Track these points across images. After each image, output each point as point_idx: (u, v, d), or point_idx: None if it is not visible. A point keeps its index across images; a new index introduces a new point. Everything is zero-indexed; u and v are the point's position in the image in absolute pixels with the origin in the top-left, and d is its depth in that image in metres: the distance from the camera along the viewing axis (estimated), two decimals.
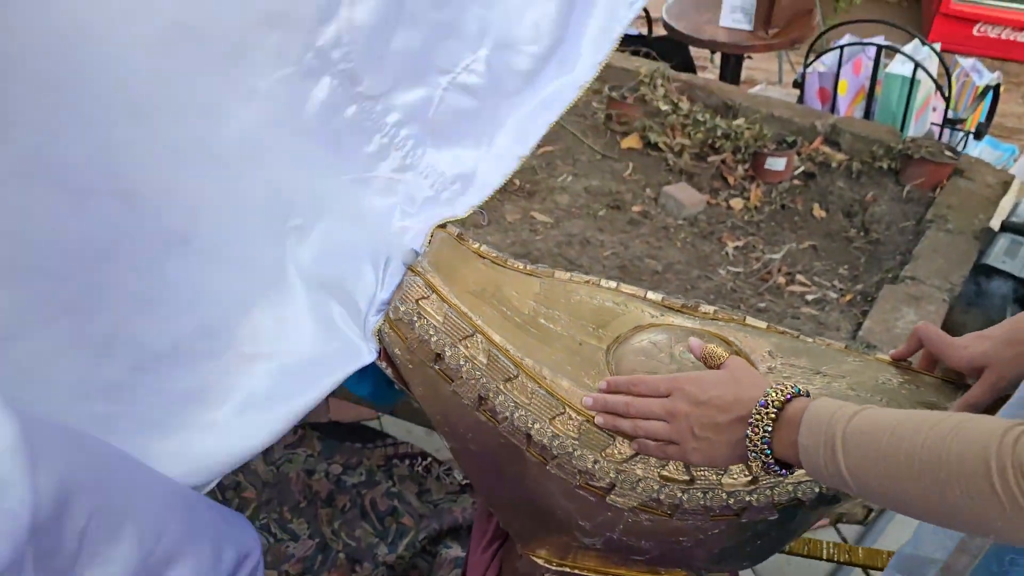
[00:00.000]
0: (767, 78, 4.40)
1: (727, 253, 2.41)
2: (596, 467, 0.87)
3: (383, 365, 0.96)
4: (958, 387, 0.96)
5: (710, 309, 1.03)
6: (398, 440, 1.94)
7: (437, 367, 0.91)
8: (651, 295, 1.04)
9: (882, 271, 2.30)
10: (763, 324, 1.02)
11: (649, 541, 0.91)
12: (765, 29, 3.03)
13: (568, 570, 1.02)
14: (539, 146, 2.72)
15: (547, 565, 1.02)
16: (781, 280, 2.33)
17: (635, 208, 2.55)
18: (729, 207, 2.61)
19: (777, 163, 2.65)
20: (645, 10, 3.83)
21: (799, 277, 2.33)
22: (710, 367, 0.88)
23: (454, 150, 1.00)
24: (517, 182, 2.58)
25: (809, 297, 2.26)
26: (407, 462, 1.87)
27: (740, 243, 2.46)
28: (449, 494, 1.81)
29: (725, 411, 0.80)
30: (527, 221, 2.43)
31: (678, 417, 0.82)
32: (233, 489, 1.83)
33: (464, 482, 1.84)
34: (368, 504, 1.75)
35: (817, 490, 0.88)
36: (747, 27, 3.06)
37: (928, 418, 0.69)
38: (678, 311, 1.04)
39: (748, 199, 2.63)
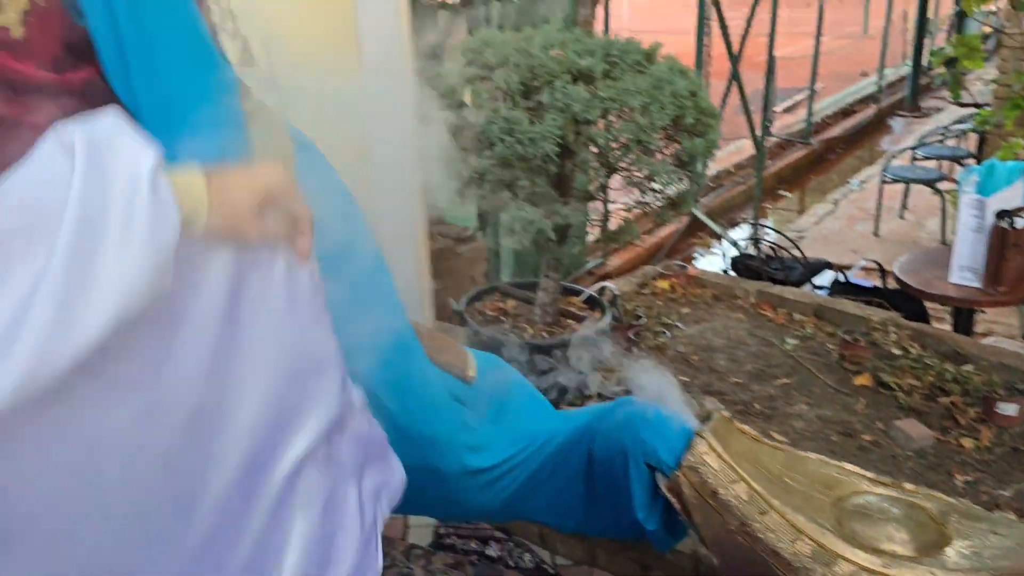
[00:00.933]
0: (1008, 331, 4.55)
1: (955, 485, 2.63)
2: None
3: (673, 499, 1.44)
4: None
5: (911, 486, 1.42)
6: None
7: (713, 502, 1.37)
8: (868, 473, 1.45)
9: None
10: (953, 499, 1.39)
11: None
12: (994, 287, 3.33)
13: None
14: (776, 378, 3.16)
15: None
16: (1011, 515, 2.50)
17: (865, 437, 2.86)
18: (959, 445, 2.83)
19: (1008, 408, 2.86)
20: (879, 264, 4.24)
21: None
22: None
23: None
24: (757, 406, 3.01)
25: None
26: None
27: (969, 477, 2.68)
28: None
29: None
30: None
31: None
32: None
33: None
34: None
35: None
36: (976, 284, 3.38)
37: None
38: (887, 485, 1.43)
39: (978, 439, 2.85)
